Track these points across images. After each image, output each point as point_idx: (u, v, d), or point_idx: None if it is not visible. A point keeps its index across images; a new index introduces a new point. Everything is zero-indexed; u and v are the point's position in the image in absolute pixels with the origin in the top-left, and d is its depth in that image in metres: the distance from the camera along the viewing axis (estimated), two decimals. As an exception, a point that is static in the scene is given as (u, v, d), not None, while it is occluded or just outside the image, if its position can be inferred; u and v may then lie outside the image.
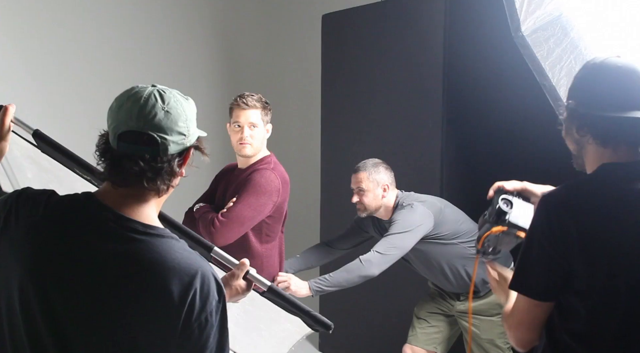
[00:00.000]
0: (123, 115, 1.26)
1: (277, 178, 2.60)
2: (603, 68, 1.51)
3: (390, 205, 2.88)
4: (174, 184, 1.32)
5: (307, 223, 4.85)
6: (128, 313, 1.21)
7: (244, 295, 1.61)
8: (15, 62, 3.78)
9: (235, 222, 2.51)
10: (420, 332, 3.01)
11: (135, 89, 1.30)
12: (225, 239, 2.50)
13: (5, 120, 1.63)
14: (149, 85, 1.30)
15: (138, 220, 1.26)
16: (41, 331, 1.23)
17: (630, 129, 1.47)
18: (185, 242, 1.31)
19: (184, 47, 4.89)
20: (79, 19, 4.14)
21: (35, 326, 1.23)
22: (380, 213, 2.91)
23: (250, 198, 2.54)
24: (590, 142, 1.51)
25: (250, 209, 2.53)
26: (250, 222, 2.56)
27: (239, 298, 1.62)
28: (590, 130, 1.49)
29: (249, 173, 2.62)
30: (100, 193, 1.30)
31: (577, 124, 1.51)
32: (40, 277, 1.24)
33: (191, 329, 1.22)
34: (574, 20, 2.44)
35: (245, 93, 2.66)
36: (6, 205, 1.33)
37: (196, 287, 1.22)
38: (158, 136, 1.24)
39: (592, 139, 1.50)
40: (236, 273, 1.60)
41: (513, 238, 1.76)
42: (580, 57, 2.42)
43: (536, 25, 2.36)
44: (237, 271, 1.61)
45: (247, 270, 1.61)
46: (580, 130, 1.51)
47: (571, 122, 1.53)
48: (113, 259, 1.22)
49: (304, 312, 1.68)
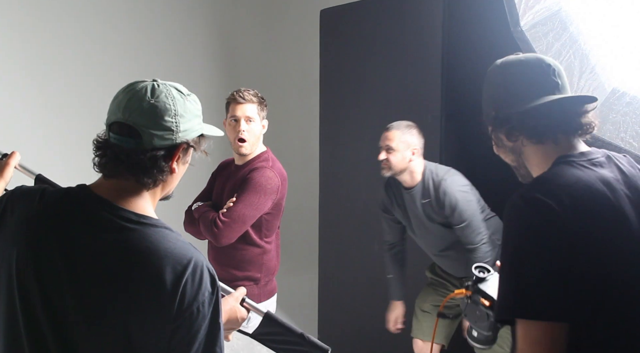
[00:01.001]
0: (114, 106, 1.28)
1: (277, 177, 2.62)
2: (505, 67, 1.48)
3: (416, 171, 2.80)
4: (165, 180, 1.31)
5: (305, 218, 4.85)
6: (122, 301, 1.21)
7: (238, 324, 1.60)
8: (13, 62, 3.77)
9: (238, 222, 2.53)
10: (426, 325, 2.99)
11: (135, 83, 1.31)
12: (228, 239, 2.53)
13: (10, 162, 1.85)
14: (150, 80, 1.31)
15: (131, 210, 1.27)
16: (39, 321, 1.24)
17: (557, 115, 1.40)
18: (178, 232, 1.30)
19: (181, 43, 4.87)
20: (76, 15, 4.12)
21: (33, 316, 1.24)
22: (404, 178, 2.82)
23: (251, 197, 2.55)
24: (526, 143, 1.44)
25: (251, 208, 2.54)
26: (251, 221, 2.58)
27: (235, 326, 1.61)
28: (521, 131, 1.42)
29: (248, 171, 2.62)
30: (94, 186, 1.31)
31: (505, 130, 1.44)
32: (37, 268, 1.24)
33: (182, 319, 1.22)
34: (573, 15, 2.43)
35: (241, 88, 2.66)
36: (1, 203, 1.35)
37: (188, 275, 1.22)
38: (139, 128, 1.24)
39: (527, 139, 1.43)
40: (236, 296, 1.62)
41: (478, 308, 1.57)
42: (579, 52, 2.41)
43: (535, 19, 2.35)
44: (237, 294, 1.62)
45: (244, 298, 1.62)
46: (511, 136, 1.44)
47: (498, 131, 1.46)
48: (106, 248, 1.22)
49: (299, 337, 1.64)
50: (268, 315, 1.64)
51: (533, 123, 1.40)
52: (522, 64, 1.45)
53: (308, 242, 5.03)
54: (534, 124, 1.40)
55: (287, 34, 5.32)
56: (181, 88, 1.33)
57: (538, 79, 1.42)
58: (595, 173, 1.34)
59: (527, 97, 1.40)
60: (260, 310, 1.64)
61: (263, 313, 1.64)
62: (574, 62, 2.37)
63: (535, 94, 1.40)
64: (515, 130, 1.43)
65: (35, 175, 1.88)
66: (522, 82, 1.43)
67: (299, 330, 1.64)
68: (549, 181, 1.34)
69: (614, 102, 2.41)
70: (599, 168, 1.37)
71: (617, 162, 1.42)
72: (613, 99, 2.42)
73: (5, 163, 1.84)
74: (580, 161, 1.37)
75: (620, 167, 1.40)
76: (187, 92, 1.34)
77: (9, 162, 1.84)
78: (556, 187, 1.31)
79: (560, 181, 1.32)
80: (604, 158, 1.41)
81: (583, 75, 2.40)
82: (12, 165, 1.84)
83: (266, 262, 2.67)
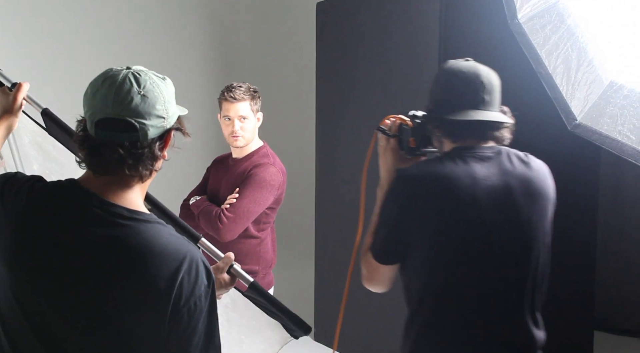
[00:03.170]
0: (99, 101, 1.23)
1: (279, 172, 2.66)
2: (448, 73, 1.75)
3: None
4: (157, 168, 1.30)
5: (302, 212, 4.85)
6: (114, 299, 1.19)
7: (226, 289, 1.59)
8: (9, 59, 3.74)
9: (242, 217, 2.56)
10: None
11: (109, 72, 1.26)
12: (232, 234, 2.56)
13: (18, 96, 1.73)
14: (124, 68, 1.27)
15: (123, 205, 1.25)
16: (26, 318, 1.22)
17: (474, 129, 1.70)
18: (172, 227, 1.29)
19: (177, 36, 4.85)
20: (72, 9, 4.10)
21: (19, 313, 1.22)
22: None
23: (255, 193, 2.58)
24: (444, 139, 1.75)
25: (255, 204, 2.58)
26: (254, 216, 2.62)
27: (222, 292, 1.59)
28: (442, 131, 1.74)
29: (250, 166, 2.64)
30: (83, 180, 1.28)
31: (434, 125, 1.75)
32: (25, 263, 1.23)
33: (180, 314, 1.21)
34: (571, 8, 2.42)
35: (232, 84, 2.65)
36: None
37: (184, 271, 1.21)
38: (136, 122, 1.21)
39: (444, 137, 1.75)
40: (220, 266, 1.58)
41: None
42: (577, 45, 2.40)
43: (532, 12, 2.34)
44: (222, 264, 1.59)
45: (232, 264, 1.59)
46: (436, 130, 1.75)
47: (430, 123, 1.77)
48: (99, 245, 1.20)
49: (284, 311, 1.68)
50: (254, 285, 1.66)
51: (452, 129, 1.72)
52: (459, 75, 1.71)
53: (304, 235, 5.03)
54: (453, 130, 1.72)
55: (283, 27, 5.30)
56: (156, 73, 1.30)
57: (468, 92, 1.69)
58: (464, 166, 1.66)
59: (455, 106, 1.69)
60: (248, 279, 1.65)
61: (249, 282, 1.65)
62: (571, 54, 2.36)
63: (461, 106, 1.69)
64: (438, 129, 1.75)
65: (42, 109, 1.80)
66: (455, 92, 1.71)
67: (285, 307, 1.68)
68: (419, 165, 1.76)
69: (612, 95, 2.40)
70: (476, 161, 1.67)
71: (506, 159, 1.71)
72: (611, 92, 2.41)
73: (13, 97, 1.74)
74: (464, 153, 1.69)
75: (504, 163, 1.70)
76: (161, 75, 1.31)
77: (17, 97, 1.73)
78: (417, 170, 1.72)
79: (422, 167, 1.74)
80: (492, 153, 1.71)
81: (580, 68, 2.39)
82: (19, 99, 1.74)
83: (263, 254, 2.70)
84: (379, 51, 3.63)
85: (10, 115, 1.73)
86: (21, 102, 1.74)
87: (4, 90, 1.78)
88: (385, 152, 1.88)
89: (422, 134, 1.80)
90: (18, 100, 1.73)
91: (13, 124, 1.74)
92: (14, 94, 1.73)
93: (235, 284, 1.62)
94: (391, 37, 3.56)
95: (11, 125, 1.73)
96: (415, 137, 1.81)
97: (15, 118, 1.74)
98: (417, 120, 1.82)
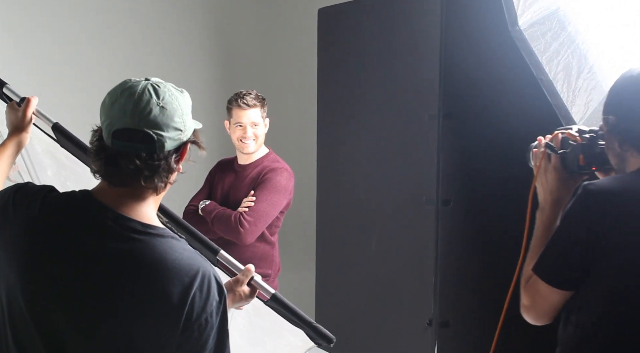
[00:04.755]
0: (117, 111, 1.22)
1: (292, 177, 2.76)
2: (632, 81, 1.54)
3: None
4: (171, 181, 1.30)
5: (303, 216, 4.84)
6: (126, 313, 1.19)
7: (247, 301, 1.58)
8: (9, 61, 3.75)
9: (262, 220, 2.62)
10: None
11: (128, 83, 1.25)
12: (252, 237, 2.61)
13: (27, 111, 1.70)
14: (143, 79, 1.26)
15: (137, 219, 1.24)
16: (35, 330, 1.21)
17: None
18: (185, 241, 1.28)
19: (178, 41, 4.86)
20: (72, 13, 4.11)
21: (29, 321, 1.22)
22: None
23: (273, 196, 2.64)
24: (635, 155, 1.53)
25: (272, 207, 2.65)
26: (271, 219, 2.69)
27: (242, 304, 1.58)
28: (633, 144, 1.52)
29: (263, 171, 2.68)
30: (97, 191, 1.27)
31: (619, 138, 1.54)
32: (36, 275, 1.22)
33: (191, 330, 1.21)
34: (571, 14, 2.43)
35: (242, 92, 2.67)
36: (3, 198, 1.31)
37: (196, 287, 1.21)
38: (154, 133, 1.21)
39: (637, 152, 1.53)
40: (241, 279, 1.56)
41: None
42: (577, 52, 2.41)
43: (533, 19, 2.35)
44: (242, 277, 1.57)
45: (252, 276, 1.58)
46: (624, 145, 1.54)
47: (613, 137, 1.56)
48: (112, 258, 1.20)
49: (306, 323, 1.66)
50: (275, 296, 1.64)
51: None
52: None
53: (306, 239, 5.03)
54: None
55: (285, 32, 5.31)
56: (174, 85, 1.31)
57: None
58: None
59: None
60: (269, 291, 1.63)
61: (270, 294, 1.63)
62: (572, 61, 2.37)
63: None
64: (628, 142, 1.53)
65: (52, 123, 1.76)
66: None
67: (307, 318, 1.65)
68: (611, 181, 1.54)
69: (612, 101, 2.41)
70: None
71: None
72: (611, 99, 2.42)
73: (23, 113, 1.69)
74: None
75: None
76: (179, 88, 1.32)
77: (26, 112, 1.69)
78: (613, 185, 1.51)
79: (616, 184, 1.52)
80: None
81: (581, 75, 2.40)
82: (29, 114, 1.70)
83: (275, 258, 2.76)
84: (380, 57, 3.64)
85: (20, 132, 1.71)
86: (30, 117, 1.72)
87: (13, 105, 1.76)
88: (546, 171, 1.70)
89: (593, 150, 1.63)
90: (27, 116, 1.71)
91: (24, 140, 1.71)
92: (23, 109, 1.71)
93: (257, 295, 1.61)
94: (392, 42, 3.57)
95: (22, 141, 1.71)
96: (584, 154, 1.63)
97: (26, 134, 1.71)
98: (587, 135, 1.65)
